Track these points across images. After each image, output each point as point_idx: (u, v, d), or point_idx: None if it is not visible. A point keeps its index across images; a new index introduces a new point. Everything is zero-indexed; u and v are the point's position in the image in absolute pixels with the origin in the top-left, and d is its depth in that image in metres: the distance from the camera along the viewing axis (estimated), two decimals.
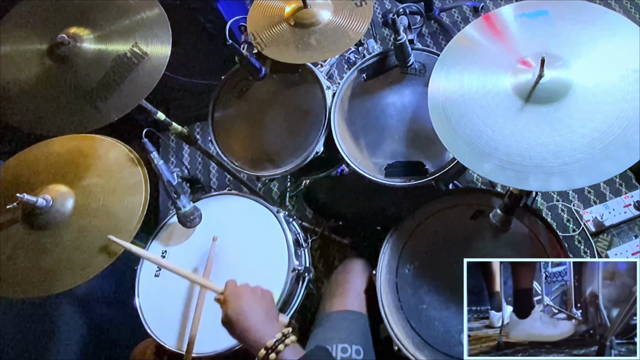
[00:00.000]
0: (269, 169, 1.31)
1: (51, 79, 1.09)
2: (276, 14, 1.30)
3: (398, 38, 1.17)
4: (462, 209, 1.17)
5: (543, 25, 1.00)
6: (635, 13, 2.26)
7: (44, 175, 1.08)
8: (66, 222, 1.01)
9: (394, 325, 1.06)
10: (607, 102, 0.87)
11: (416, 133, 1.21)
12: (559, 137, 0.86)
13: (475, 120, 0.94)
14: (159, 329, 1.11)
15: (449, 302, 1.05)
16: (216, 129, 1.40)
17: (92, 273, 0.97)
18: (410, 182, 1.17)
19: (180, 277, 1.11)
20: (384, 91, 1.28)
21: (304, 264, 1.21)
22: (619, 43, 0.93)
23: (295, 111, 1.34)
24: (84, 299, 1.57)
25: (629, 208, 1.78)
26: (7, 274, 0.99)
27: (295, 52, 1.24)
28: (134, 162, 1.10)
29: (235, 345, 1.04)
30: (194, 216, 1.17)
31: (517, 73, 0.95)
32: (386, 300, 1.10)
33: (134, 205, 1.04)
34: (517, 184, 0.88)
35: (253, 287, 0.91)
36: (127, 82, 1.08)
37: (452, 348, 1.00)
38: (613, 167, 0.81)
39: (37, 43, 1.12)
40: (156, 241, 1.24)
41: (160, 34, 1.12)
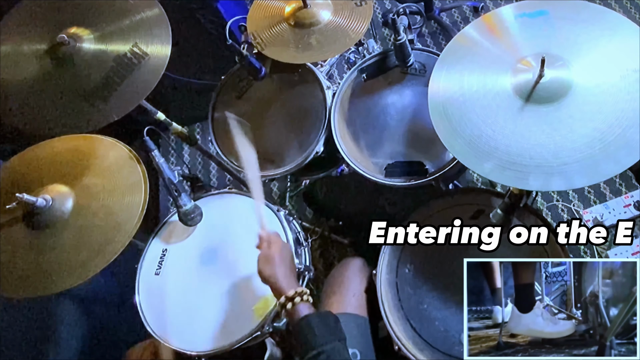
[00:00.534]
0: (269, 169, 1.31)
1: (51, 79, 1.09)
2: (276, 14, 1.30)
3: (398, 38, 1.17)
4: (462, 209, 1.17)
5: (543, 25, 1.00)
6: (635, 13, 2.26)
7: (43, 175, 1.08)
8: (66, 222, 1.01)
9: (394, 325, 1.06)
10: (607, 102, 0.87)
11: (416, 133, 1.21)
12: (559, 137, 0.86)
13: (476, 120, 0.94)
14: (159, 327, 1.11)
15: (449, 302, 1.05)
16: (216, 129, 1.40)
17: (92, 273, 0.97)
18: (411, 182, 1.17)
19: (180, 276, 1.11)
20: (384, 91, 1.28)
21: (304, 262, 1.21)
22: (619, 43, 0.93)
23: (295, 111, 1.34)
24: (84, 299, 1.57)
25: (629, 208, 1.78)
26: (7, 274, 0.99)
27: (295, 52, 1.24)
28: (133, 161, 1.10)
29: (235, 343, 1.04)
30: (195, 214, 1.18)
31: (517, 73, 0.95)
32: (386, 300, 1.10)
33: (134, 204, 1.04)
34: (517, 184, 0.88)
35: (285, 243, 1.06)
36: (127, 82, 1.08)
37: (452, 348, 1.00)
38: (613, 167, 0.81)
39: (37, 43, 1.12)
40: (157, 239, 1.24)
41: (160, 34, 1.12)
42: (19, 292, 0.99)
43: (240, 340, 1.04)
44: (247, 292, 1.09)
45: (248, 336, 1.04)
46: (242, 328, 1.05)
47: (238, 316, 1.07)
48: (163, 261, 1.20)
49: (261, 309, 1.07)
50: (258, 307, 1.07)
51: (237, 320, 1.07)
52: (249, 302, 1.08)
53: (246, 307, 1.07)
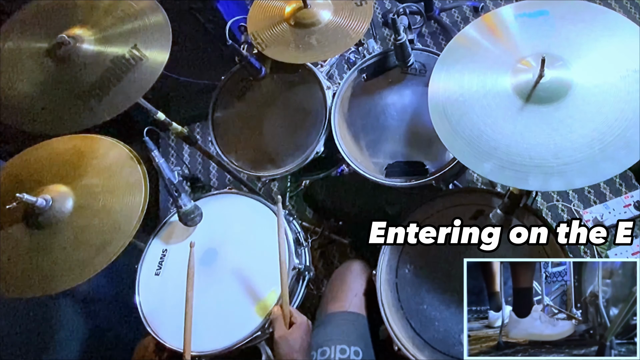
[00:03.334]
0: (269, 169, 1.31)
1: (51, 79, 1.09)
2: (276, 14, 1.30)
3: (398, 38, 1.17)
4: (462, 209, 1.17)
5: (543, 25, 1.00)
6: (635, 13, 2.26)
7: (43, 175, 1.08)
8: (66, 222, 1.01)
9: (394, 326, 1.06)
10: (607, 102, 0.87)
11: (416, 133, 1.21)
12: (558, 137, 0.86)
13: (476, 120, 0.94)
14: (159, 327, 1.11)
15: (449, 302, 1.05)
16: (216, 129, 1.40)
17: (92, 273, 0.97)
18: (411, 182, 1.17)
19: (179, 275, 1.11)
20: (384, 91, 1.28)
21: (304, 262, 1.21)
22: (619, 43, 0.93)
23: (296, 111, 1.34)
24: (84, 298, 1.57)
25: (629, 208, 1.78)
26: (7, 274, 0.99)
27: (296, 52, 1.24)
28: (133, 161, 1.10)
29: (235, 344, 1.04)
30: (195, 215, 1.18)
31: (517, 73, 0.95)
32: (386, 300, 1.10)
33: (134, 204, 1.04)
34: (517, 184, 0.88)
35: (310, 324, 0.99)
36: (122, 83, 1.07)
37: (452, 348, 1.00)
38: (613, 167, 0.81)
39: (38, 42, 1.11)
40: (157, 240, 1.24)
41: (161, 39, 1.11)
42: (19, 292, 0.99)
43: (241, 340, 1.04)
44: (247, 293, 1.09)
45: (248, 337, 1.04)
46: (243, 328, 1.05)
47: (238, 317, 1.07)
48: (163, 261, 1.20)
49: (261, 309, 1.07)
50: (258, 308, 1.07)
51: (237, 320, 1.07)
52: (249, 303, 1.08)
53: (246, 308, 1.07)
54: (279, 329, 0.94)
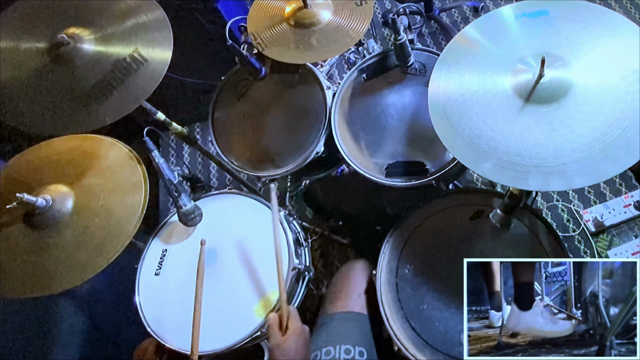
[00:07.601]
0: (269, 169, 1.31)
1: (50, 79, 1.09)
2: (276, 14, 1.30)
3: (398, 38, 1.17)
4: (462, 209, 1.17)
5: (543, 25, 1.00)
6: (635, 13, 2.26)
7: (44, 175, 1.08)
8: (66, 222, 1.01)
9: (394, 326, 1.06)
10: (607, 102, 0.87)
11: (416, 133, 1.21)
12: (558, 137, 0.86)
13: (475, 120, 0.94)
14: (158, 327, 1.11)
15: (449, 302, 1.05)
16: (216, 129, 1.39)
17: (92, 273, 0.97)
18: (411, 182, 1.17)
19: (179, 276, 1.11)
20: (384, 91, 1.28)
21: (304, 262, 1.21)
22: (619, 43, 0.93)
23: (296, 111, 1.34)
24: (84, 298, 1.57)
25: (629, 208, 1.78)
26: (7, 274, 0.99)
27: (296, 52, 1.24)
28: (133, 161, 1.10)
29: (235, 344, 1.04)
30: (195, 215, 1.18)
31: (517, 73, 0.95)
32: (386, 300, 1.10)
33: (134, 204, 1.04)
34: (517, 184, 0.88)
35: (307, 332, 0.97)
36: (124, 87, 1.07)
37: (452, 348, 1.00)
38: (613, 167, 0.81)
39: (37, 42, 1.11)
40: (157, 240, 1.24)
41: (162, 40, 1.11)
42: (19, 292, 0.99)
43: (241, 340, 1.04)
44: (247, 293, 1.09)
45: (248, 337, 1.04)
46: (243, 328, 1.05)
47: (238, 317, 1.07)
48: (163, 261, 1.20)
49: (261, 309, 1.07)
50: (258, 308, 1.07)
51: (237, 320, 1.07)
52: (249, 303, 1.08)
53: (246, 308, 1.07)
54: (273, 337, 0.93)
